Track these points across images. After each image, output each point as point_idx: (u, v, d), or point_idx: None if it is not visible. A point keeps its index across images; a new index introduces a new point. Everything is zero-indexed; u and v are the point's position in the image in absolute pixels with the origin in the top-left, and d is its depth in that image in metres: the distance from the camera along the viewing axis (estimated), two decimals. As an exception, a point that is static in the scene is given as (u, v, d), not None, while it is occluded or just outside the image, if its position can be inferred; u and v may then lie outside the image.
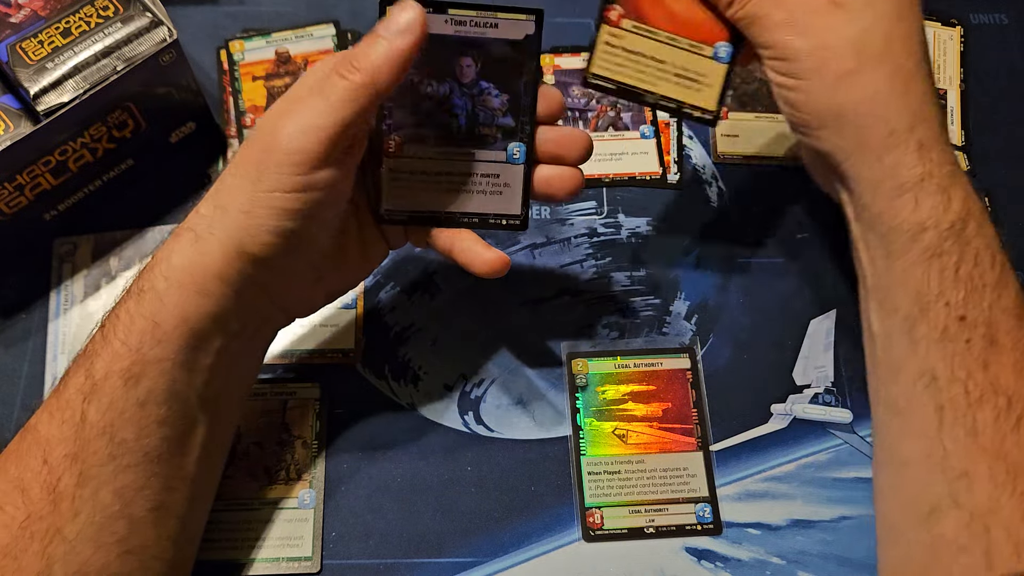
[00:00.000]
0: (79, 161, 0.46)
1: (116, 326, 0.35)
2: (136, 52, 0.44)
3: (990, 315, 0.35)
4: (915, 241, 0.37)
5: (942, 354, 0.36)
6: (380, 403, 0.46)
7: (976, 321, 0.35)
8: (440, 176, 0.40)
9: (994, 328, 0.35)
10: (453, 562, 0.43)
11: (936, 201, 0.36)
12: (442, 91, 0.39)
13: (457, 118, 0.40)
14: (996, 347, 0.35)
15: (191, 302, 0.35)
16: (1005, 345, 0.35)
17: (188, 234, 0.35)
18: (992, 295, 0.35)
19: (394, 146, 0.39)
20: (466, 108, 0.39)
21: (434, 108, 0.39)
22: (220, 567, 0.42)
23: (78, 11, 0.44)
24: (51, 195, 0.47)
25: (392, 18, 0.35)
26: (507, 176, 0.40)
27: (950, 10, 0.58)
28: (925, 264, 0.36)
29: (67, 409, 0.34)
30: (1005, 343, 0.35)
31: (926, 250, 0.36)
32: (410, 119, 0.39)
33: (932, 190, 0.36)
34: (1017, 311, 0.36)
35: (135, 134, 0.48)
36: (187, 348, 0.35)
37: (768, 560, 0.43)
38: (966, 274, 0.36)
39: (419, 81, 0.39)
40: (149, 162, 0.50)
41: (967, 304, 0.35)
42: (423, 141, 0.40)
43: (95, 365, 0.35)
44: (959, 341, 0.35)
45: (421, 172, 0.40)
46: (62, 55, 0.43)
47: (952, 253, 0.36)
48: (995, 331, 0.35)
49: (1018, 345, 0.35)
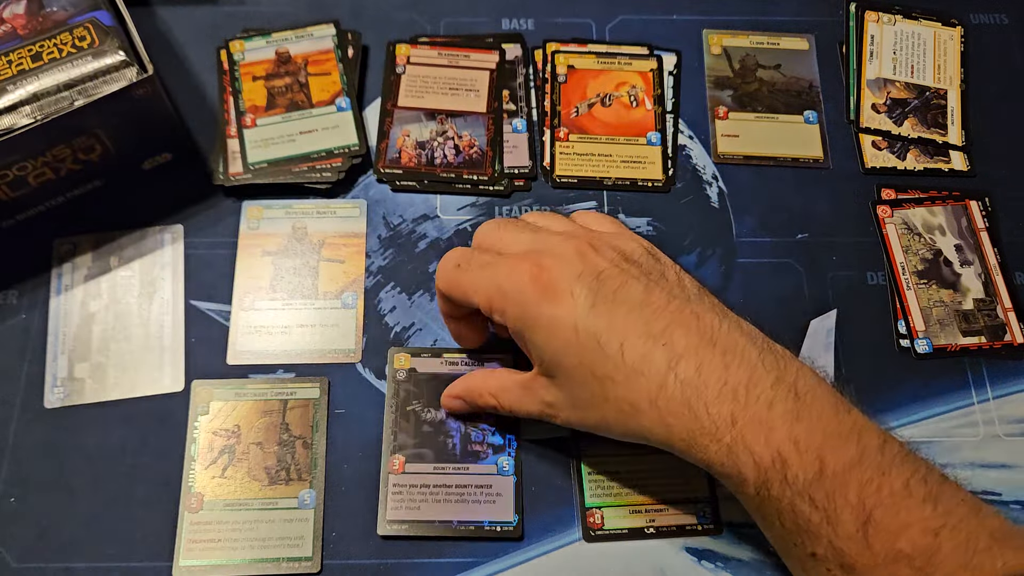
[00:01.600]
0: (40, 178, 0.46)
1: None
2: (100, 90, 0.43)
3: (834, 548, 0.35)
4: (744, 503, 0.38)
5: None
6: (380, 403, 0.46)
7: (826, 556, 0.35)
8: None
9: (843, 557, 0.35)
10: (453, 562, 0.43)
11: (731, 480, 0.37)
12: (439, 417, 0.45)
13: (452, 438, 0.45)
14: (856, 571, 0.35)
15: None
16: (863, 569, 0.34)
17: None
18: (827, 530, 0.35)
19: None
20: (460, 430, 0.45)
21: (432, 431, 0.45)
22: (220, 567, 0.42)
23: (55, 36, 0.44)
24: (7, 206, 0.47)
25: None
26: (499, 487, 0.44)
27: (950, 10, 0.58)
28: (760, 517, 0.38)
29: None
30: (861, 567, 0.35)
31: (752, 510, 0.38)
32: (411, 441, 0.45)
33: (720, 471, 0.36)
34: (859, 533, 0.35)
35: (103, 158, 0.47)
36: None
37: (768, 560, 0.43)
38: (791, 523, 0.36)
39: (420, 410, 0.45)
40: (119, 185, 0.50)
41: (809, 545, 0.36)
42: (423, 459, 0.45)
43: None
44: (821, 573, 0.36)
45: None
46: (26, 79, 0.43)
47: (771, 512, 0.36)
48: (846, 560, 0.35)
49: (876, 563, 0.34)
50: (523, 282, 0.39)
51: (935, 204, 0.52)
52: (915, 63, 0.57)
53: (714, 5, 0.59)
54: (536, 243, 0.41)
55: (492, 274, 0.40)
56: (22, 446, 0.45)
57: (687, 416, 0.36)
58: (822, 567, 0.36)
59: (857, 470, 0.35)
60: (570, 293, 0.38)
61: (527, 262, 0.39)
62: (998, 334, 0.49)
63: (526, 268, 0.39)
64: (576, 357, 0.38)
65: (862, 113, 0.55)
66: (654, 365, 0.36)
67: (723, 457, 0.36)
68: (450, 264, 0.42)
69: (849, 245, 0.51)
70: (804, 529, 0.35)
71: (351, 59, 0.54)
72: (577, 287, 0.38)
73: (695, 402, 0.36)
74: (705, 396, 0.36)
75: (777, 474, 0.35)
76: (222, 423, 0.45)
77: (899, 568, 0.34)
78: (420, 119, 0.53)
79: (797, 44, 0.57)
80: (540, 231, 0.42)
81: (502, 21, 0.57)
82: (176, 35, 0.56)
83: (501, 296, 0.39)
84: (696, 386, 0.36)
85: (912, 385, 0.38)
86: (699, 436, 0.36)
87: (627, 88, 0.55)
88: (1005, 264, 0.51)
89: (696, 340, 0.37)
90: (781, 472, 0.35)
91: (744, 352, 0.37)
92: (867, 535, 0.34)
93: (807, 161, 0.54)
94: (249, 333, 0.48)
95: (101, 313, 0.48)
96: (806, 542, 0.36)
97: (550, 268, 0.39)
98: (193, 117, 0.53)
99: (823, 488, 0.35)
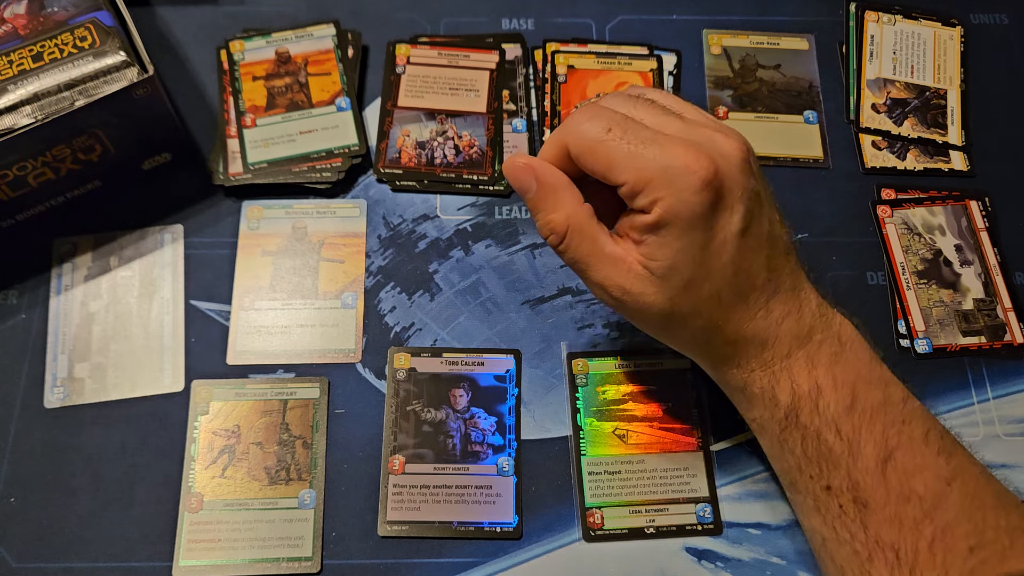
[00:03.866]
0: (40, 178, 0.46)
1: None
2: (100, 90, 0.43)
3: (851, 480, 0.37)
4: (763, 429, 0.40)
5: (822, 520, 0.38)
6: (380, 403, 0.46)
7: (841, 488, 0.37)
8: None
9: (859, 491, 0.36)
10: (453, 562, 0.43)
11: (764, 400, 0.39)
12: (439, 417, 0.45)
13: (452, 439, 0.45)
14: (868, 508, 0.36)
15: None
16: (875, 504, 0.36)
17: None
18: (847, 460, 0.37)
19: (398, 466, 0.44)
20: (460, 430, 0.45)
21: (432, 431, 0.45)
22: (220, 567, 0.42)
23: (56, 36, 0.44)
24: (7, 206, 0.47)
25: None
26: (499, 487, 0.44)
27: (950, 10, 0.58)
28: (778, 445, 0.39)
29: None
30: (874, 502, 0.36)
31: (773, 436, 0.39)
32: (411, 441, 0.45)
33: (756, 391, 0.39)
34: (878, 467, 0.36)
35: (103, 158, 0.47)
36: None
37: (768, 560, 0.43)
38: (814, 451, 0.38)
39: (420, 409, 0.45)
40: (118, 185, 0.50)
41: (826, 475, 0.37)
42: (423, 460, 0.45)
43: None
44: (832, 508, 0.37)
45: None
46: (27, 79, 0.43)
47: (795, 438, 0.38)
48: (861, 493, 0.36)
49: (888, 499, 0.36)
50: (695, 177, 0.35)
51: (935, 204, 0.52)
52: (915, 63, 0.57)
53: (714, 5, 0.59)
54: (692, 134, 0.37)
55: (658, 154, 0.35)
56: (22, 446, 0.45)
57: (755, 345, 0.38)
58: (834, 501, 0.37)
59: (883, 412, 0.37)
60: (731, 209, 0.36)
61: (704, 157, 0.35)
62: (998, 334, 0.49)
63: (703, 163, 0.35)
64: (703, 272, 0.36)
65: (862, 113, 0.55)
66: (755, 302, 0.38)
67: (764, 381, 0.39)
68: (598, 127, 0.36)
69: (849, 245, 0.51)
70: (825, 458, 0.37)
71: (351, 59, 0.54)
72: (739, 204, 0.36)
73: (768, 335, 0.38)
74: (777, 331, 0.38)
75: (810, 402, 0.37)
76: (222, 423, 0.45)
77: (908, 508, 0.35)
78: (420, 119, 0.53)
79: (797, 44, 0.57)
80: (690, 123, 0.37)
81: (502, 21, 0.57)
82: (176, 35, 0.56)
83: (664, 180, 0.35)
84: (775, 323, 0.38)
85: (912, 385, 0.39)
86: (753, 361, 0.39)
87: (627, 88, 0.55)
88: (1005, 264, 0.51)
89: (789, 284, 0.39)
90: (814, 401, 0.37)
91: (810, 300, 0.39)
92: (885, 471, 0.36)
93: (807, 161, 0.54)
94: (249, 333, 0.48)
95: (101, 313, 0.48)
96: (824, 471, 0.37)
97: (724, 174, 0.35)
98: (193, 117, 0.53)
99: (851, 421, 0.37)
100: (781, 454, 0.39)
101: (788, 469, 0.39)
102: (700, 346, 0.40)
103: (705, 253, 0.36)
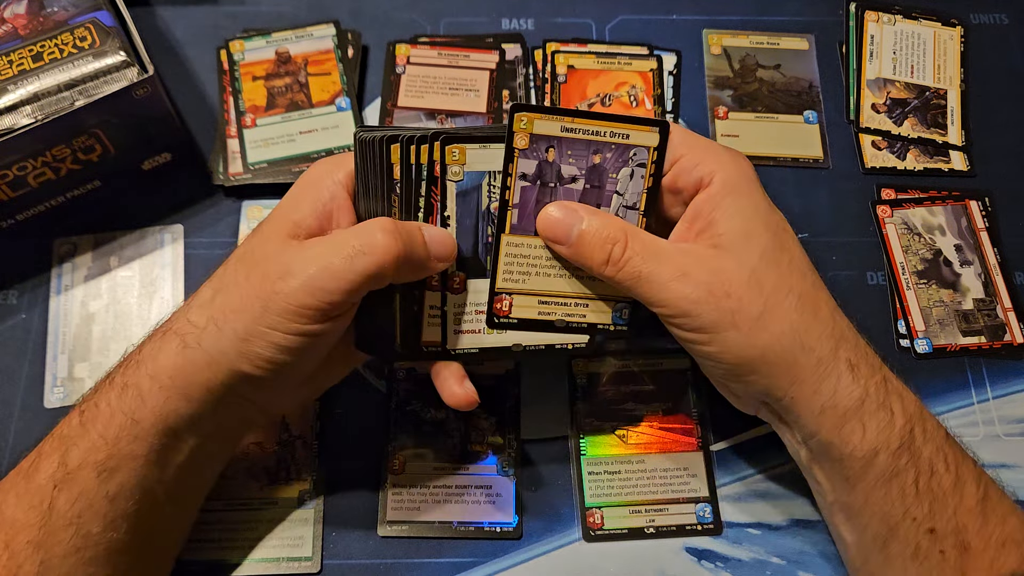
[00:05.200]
0: (40, 178, 0.46)
1: (96, 417, 0.35)
2: (100, 90, 0.43)
3: (956, 521, 0.34)
4: (871, 466, 0.36)
5: (919, 571, 0.35)
6: (380, 403, 0.46)
7: (945, 531, 0.34)
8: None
9: (963, 533, 0.34)
10: (453, 562, 0.43)
11: (880, 421, 0.35)
12: (439, 417, 0.45)
13: (452, 439, 0.45)
14: (969, 552, 0.34)
15: (172, 405, 0.35)
16: (977, 547, 0.34)
17: (176, 340, 0.35)
18: (954, 499, 0.34)
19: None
20: (460, 430, 0.45)
21: (432, 431, 0.45)
22: (220, 567, 0.42)
23: (56, 36, 0.44)
24: (7, 206, 0.47)
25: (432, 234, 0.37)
26: (499, 487, 0.44)
27: (950, 10, 0.58)
28: (885, 486, 0.36)
29: (36, 495, 0.34)
30: (977, 545, 0.34)
31: (883, 473, 0.35)
32: (411, 441, 0.45)
33: (873, 409, 0.35)
34: (979, 507, 0.35)
35: (103, 158, 0.47)
36: (161, 446, 0.35)
37: (768, 560, 0.43)
38: (925, 486, 0.35)
39: (420, 409, 0.45)
40: (118, 185, 0.50)
41: (933, 516, 0.35)
42: (423, 460, 0.44)
43: (70, 454, 0.34)
44: (933, 555, 0.35)
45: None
46: (27, 79, 0.43)
47: (908, 470, 0.35)
48: (965, 535, 0.34)
49: (989, 542, 0.34)
50: (740, 155, 0.39)
51: (935, 204, 0.52)
52: (915, 63, 0.57)
53: (714, 5, 0.59)
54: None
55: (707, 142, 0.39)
56: (22, 446, 0.45)
57: (854, 346, 0.37)
58: (936, 546, 0.34)
59: (958, 444, 0.36)
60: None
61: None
62: (998, 334, 0.49)
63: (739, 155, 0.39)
64: (777, 242, 0.37)
65: (862, 113, 0.55)
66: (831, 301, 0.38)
67: (881, 396, 0.36)
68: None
69: (849, 245, 0.51)
70: (936, 495, 0.34)
71: (351, 59, 0.54)
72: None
73: (859, 337, 0.37)
74: (861, 371, 0.36)
75: (920, 421, 0.35)
76: (222, 423, 0.45)
77: (1007, 555, 0.33)
78: (420, 119, 0.53)
79: (797, 44, 0.57)
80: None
81: (502, 21, 0.57)
82: (176, 35, 0.56)
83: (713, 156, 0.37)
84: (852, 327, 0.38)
85: (912, 385, 0.38)
86: (863, 366, 0.36)
87: (627, 88, 0.55)
88: (1005, 264, 0.51)
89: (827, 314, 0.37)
90: (923, 420, 0.36)
91: (855, 334, 0.38)
92: (984, 511, 0.34)
93: (807, 161, 0.54)
94: (249, 333, 0.48)
95: (101, 313, 0.48)
96: (933, 512, 0.34)
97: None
98: (193, 117, 0.53)
99: (952, 448, 0.35)
100: (887, 496, 0.36)
101: (889, 515, 0.36)
102: (800, 336, 0.36)
103: (772, 216, 0.37)
